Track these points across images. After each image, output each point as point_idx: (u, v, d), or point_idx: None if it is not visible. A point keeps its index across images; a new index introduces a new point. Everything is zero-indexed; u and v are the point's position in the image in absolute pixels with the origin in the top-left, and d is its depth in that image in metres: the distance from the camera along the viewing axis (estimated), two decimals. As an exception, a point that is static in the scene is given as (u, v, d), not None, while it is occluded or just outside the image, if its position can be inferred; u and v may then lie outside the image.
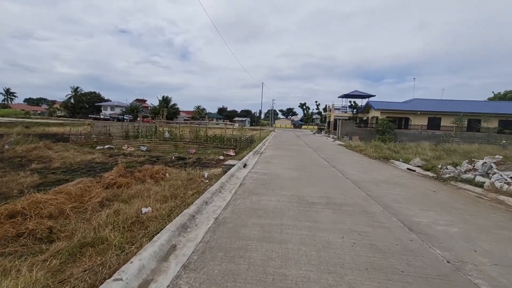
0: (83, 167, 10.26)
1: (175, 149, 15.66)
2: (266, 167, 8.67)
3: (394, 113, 28.11)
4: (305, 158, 11.42)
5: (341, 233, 3.48)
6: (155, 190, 6.82)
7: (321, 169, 8.60)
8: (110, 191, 6.82)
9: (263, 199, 4.89)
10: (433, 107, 28.47)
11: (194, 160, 12.54)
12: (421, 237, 3.46)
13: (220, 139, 17.12)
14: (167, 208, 5.31)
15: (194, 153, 14.76)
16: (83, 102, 72.17)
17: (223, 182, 5.95)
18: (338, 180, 7.03)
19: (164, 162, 12.06)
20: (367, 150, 14.45)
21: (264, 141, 20.01)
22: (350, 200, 5.03)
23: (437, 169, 8.71)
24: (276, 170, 8.03)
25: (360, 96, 33.92)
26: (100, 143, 16.19)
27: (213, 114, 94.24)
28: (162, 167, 9.56)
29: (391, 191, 5.96)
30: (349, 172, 8.19)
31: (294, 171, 7.97)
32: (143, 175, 8.51)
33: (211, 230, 3.44)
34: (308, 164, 9.58)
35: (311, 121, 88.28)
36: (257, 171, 7.80)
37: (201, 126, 22.32)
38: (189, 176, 8.55)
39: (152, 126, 24.74)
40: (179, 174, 8.92)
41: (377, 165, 10.29)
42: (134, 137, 18.71)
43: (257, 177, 6.90)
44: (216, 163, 12.38)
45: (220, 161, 12.75)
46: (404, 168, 9.96)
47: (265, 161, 10.13)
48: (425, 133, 26.68)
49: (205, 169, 10.40)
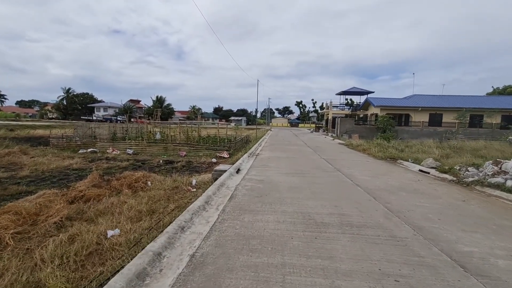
0: (56, 175, 9.06)
1: (164, 151, 14.50)
2: (262, 172, 7.58)
3: (394, 110, 27.20)
4: (305, 160, 10.35)
5: (370, 280, 2.40)
6: (131, 204, 5.70)
7: (325, 174, 7.54)
8: (75, 206, 5.68)
9: (258, 220, 3.81)
10: (434, 103, 27.62)
11: (184, 164, 11.41)
12: (485, 283, 2.41)
13: (213, 140, 15.99)
14: (139, 230, 4.23)
15: (185, 156, 13.62)
16: (76, 103, 70.45)
17: (210, 195, 4.85)
18: (347, 188, 5.97)
19: (149, 167, 10.92)
20: (371, 150, 13.44)
21: (260, 141, 18.92)
22: (369, 218, 3.96)
23: (455, 171, 7.70)
24: (273, 177, 6.94)
25: (359, 93, 32.98)
26: (83, 146, 14.95)
27: (209, 114, 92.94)
28: (144, 173, 8.42)
29: (413, 202, 4.91)
30: (358, 177, 7.13)
31: (295, 177, 6.89)
32: (120, 184, 7.37)
33: (180, 281, 2.33)
34: (309, 168, 8.52)
35: (308, 120, 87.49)
36: (252, 178, 6.70)
37: (194, 126, 21.19)
38: (174, 184, 7.44)
39: (143, 127, 23.54)
40: (164, 181, 7.79)
41: (385, 167, 9.26)
42: (122, 139, 17.50)
43: (251, 186, 5.81)
44: (208, 166, 11.27)
45: (212, 164, 11.64)
46: (416, 169, 8.94)
47: (261, 164, 9.04)
48: (426, 130, 25.81)
49: (194, 175, 9.29)
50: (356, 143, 16.46)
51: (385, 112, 26.87)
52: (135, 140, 16.03)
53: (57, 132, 22.53)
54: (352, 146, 16.13)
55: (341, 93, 33.35)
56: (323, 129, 38.59)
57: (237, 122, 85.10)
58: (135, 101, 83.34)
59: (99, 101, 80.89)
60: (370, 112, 30.90)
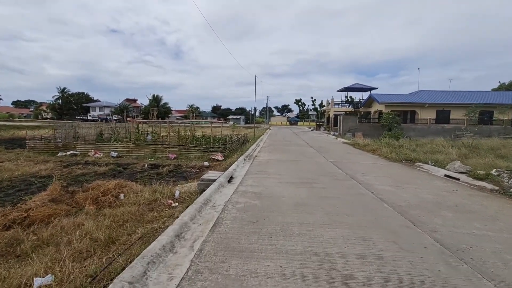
0: (16, 185, 7.65)
1: (153, 154, 13.12)
2: (259, 181, 6.21)
3: (400, 107, 25.86)
4: (309, 163, 8.99)
5: None
6: (87, 228, 4.35)
7: (337, 183, 6.18)
8: (11, 234, 4.32)
9: (250, 272, 2.45)
10: (441, 99, 26.28)
11: (171, 169, 10.02)
12: None
13: (207, 141, 14.60)
14: (81, 277, 2.90)
15: (174, 159, 12.25)
16: (71, 103, 68.86)
17: (185, 222, 3.47)
18: (370, 205, 4.61)
19: (131, 173, 9.53)
20: (381, 150, 12.08)
21: (258, 141, 17.54)
22: (421, 266, 2.60)
23: (494, 178, 6.35)
24: (273, 188, 5.58)
25: (361, 89, 31.61)
26: (63, 148, 13.55)
27: (207, 113, 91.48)
28: (120, 182, 7.05)
29: (468, 229, 3.56)
30: (378, 187, 5.78)
31: (300, 189, 5.53)
32: (85, 198, 6.01)
33: None
34: (316, 174, 7.16)
35: (307, 118, 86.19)
36: (247, 190, 5.34)
37: (187, 126, 19.83)
38: (152, 197, 6.07)
39: (134, 127, 22.08)
40: (141, 193, 6.43)
41: (405, 172, 7.91)
42: (109, 140, 16.09)
43: (245, 204, 4.45)
44: (199, 171, 9.88)
45: (204, 168, 10.26)
46: (441, 174, 7.60)
47: (258, 170, 7.67)
48: (433, 128, 24.51)
49: (179, 183, 7.91)
50: (363, 142, 15.11)
51: (389, 109, 25.53)
52: (121, 142, 14.63)
53: (45, 133, 21.04)
54: (359, 146, 14.78)
55: (343, 89, 31.94)
56: (324, 127, 37.21)
57: (235, 121, 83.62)
58: (131, 100, 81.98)
59: (94, 100, 79.45)
60: (373, 109, 29.54)
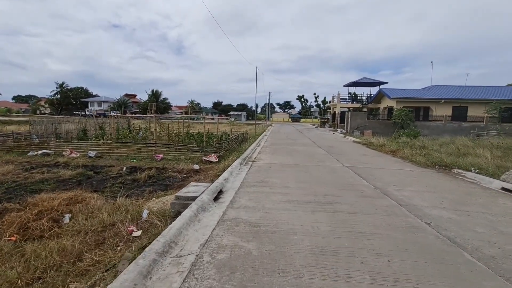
0: None
1: (138, 153, 11.38)
2: (257, 200, 4.44)
3: (413, 102, 23.90)
4: (322, 170, 7.20)
5: None
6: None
7: (368, 204, 4.40)
8: None
9: None
10: (458, 94, 24.28)
11: (153, 173, 8.27)
12: None
13: (199, 139, 12.83)
14: None
15: (161, 160, 10.51)
16: (70, 98, 67.45)
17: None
18: (441, 255, 2.83)
19: (102, 179, 7.78)
20: (404, 152, 10.27)
21: (259, 140, 15.75)
22: None
23: None
24: (278, 214, 3.81)
25: (370, 84, 29.60)
26: (35, 147, 11.84)
27: (208, 109, 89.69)
28: (76, 194, 5.34)
29: None
30: (432, 213, 4.00)
31: (317, 215, 3.77)
32: (11, 223, 4.28)
33: None
34: (335, 188, 5.38)
35: (310, 114, 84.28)
36: (238, 219, 3.57)
37: (186, 122, 18.08)
38: (111, 219, 4.35)
39: (125, 123, 20.38)
40: (98, 211, 4.70)
41: (449, 184, 6.11)
42: (95, 138, 14.35)
43: (232, 254, 2.69)
44: (186, 177, 8.12)
45: (193, 173, 8.51)
46: (496, 187, 5.81)
47: (257, 180, 5.90)
48: (450, 125, 22.57)
49: (157, 195, 6.16)
50: (378, 142, 13.28)
51: (401, 105, 23.59)
52: (104, 139, 12.89)
53: (16, 129, 19.35)
54: (374, 145, 12.96)
55: (350, 84, 29.95)
56: (329, 124, 35.31)
57: (236, 117, 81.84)
58: (130, 96, 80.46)
59: (93, 95, 78.13)
60: (383, 105, 27.59)
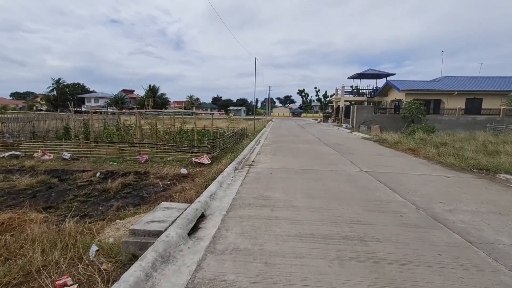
0: None
1: (119, 154, 9.99)
2: (254, 234, 3.03)
3: (424, 95, 22.37)
4: (336, 178, 5.79)
5: None
6: None
7: (417, 240, 3.00)
8: None
9: None
10: (472, 85, 22.71)
11: (130, 181, 6.85)
12: None
13: (190, 138, 11.41)
14: None
15: (145, 162, 9.12)
16: (66, 94, 66.20)
17: None
18: None
19: (65, 189, 6.38)
20: (426, 150, 8.85)
21: (258, 137, 14.32)
22: None
23: None
24: (285, 265, 2.40)
25: (376, 76, 27.99)
26: (3, 148, 10.45)
27: (208, 104, 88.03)
28: (12, 217, 3.99)
29: None
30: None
31: (347, 267, 2.37)
32: None
33: None
34: (360, 208, 3.99)
35: (310, 109, 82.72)
36: (220, 280, 2.18)
37: (178, 117, 16.73)
38: (41, 261, 2.95)
39: (113, 119, 18.97)
40: (32, 244, 3.33)
41: (508, 198, 4.70)
42: (76, 136, 12.96)
43: None
44: (170, 184, 6.67)
45: (178, 180, 7.09)
46: None
47: (254, 195, 4.49)
48: (463, 119, 21.07)
49: (126, 212, 4.77)
50: (392, 138, 11.84)
51: (411, 97, 22.05)
52: (82, 138, 11.46)
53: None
54: (387, 143, 11.52)
55: (354, 76, 28.34)
56: (332, 118, 33.77)
57: (236, 112, 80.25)
58: (128, 91, 78.86)
59: (91, 91, 76.72)
60: (390, 98, 26.03)
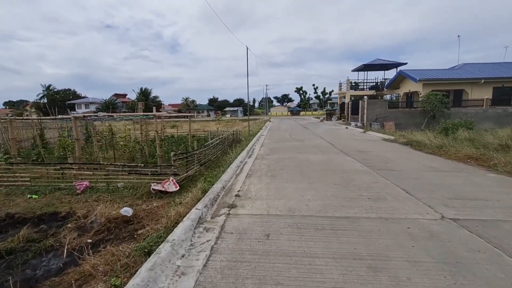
0: None
1: (53, 179, 6.99)
2: None
3: (444, 85, 19.48)
4: (392, 235, 2.86)
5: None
6: None
7: None
8: None
9: None
10: (498, 72, 19.84)
11: (15, 245, 3.87)
12: None
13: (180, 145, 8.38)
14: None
15: (85, 189, 6.15)
16: (57, 100, 64.06)
17: None
18: None
19: None
20: (500, 159, 5.94)
21: (253, 143, 11.37)
22: None
23: None
24: None
25: (385, 66, 25.11)
26: None
27: (204, 106, 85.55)
28: None
29: None
30: None
31: None
32: None
33: None
34: None
35: (309, 107, 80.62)
36: None
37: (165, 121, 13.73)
38: None
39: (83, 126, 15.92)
40: None
41: None
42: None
43: None
44: (91, 243, 3.77)
45: (111, 232, 4.13)
46: None
47: None
48: (492, 111, 18.17)
49: None
50: (429, 140, 8.91)
51: (429, 88, 19.18)
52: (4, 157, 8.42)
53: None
54: (425, 147, 8.58)
55: (361, 67, 25.44)
56: (336, 116, 30.84)
57: (233, 113, 77.63)
58: (120, 95, 76.43)
59: (82, 97, 74.58)
60: (403, 91, 23.14)
